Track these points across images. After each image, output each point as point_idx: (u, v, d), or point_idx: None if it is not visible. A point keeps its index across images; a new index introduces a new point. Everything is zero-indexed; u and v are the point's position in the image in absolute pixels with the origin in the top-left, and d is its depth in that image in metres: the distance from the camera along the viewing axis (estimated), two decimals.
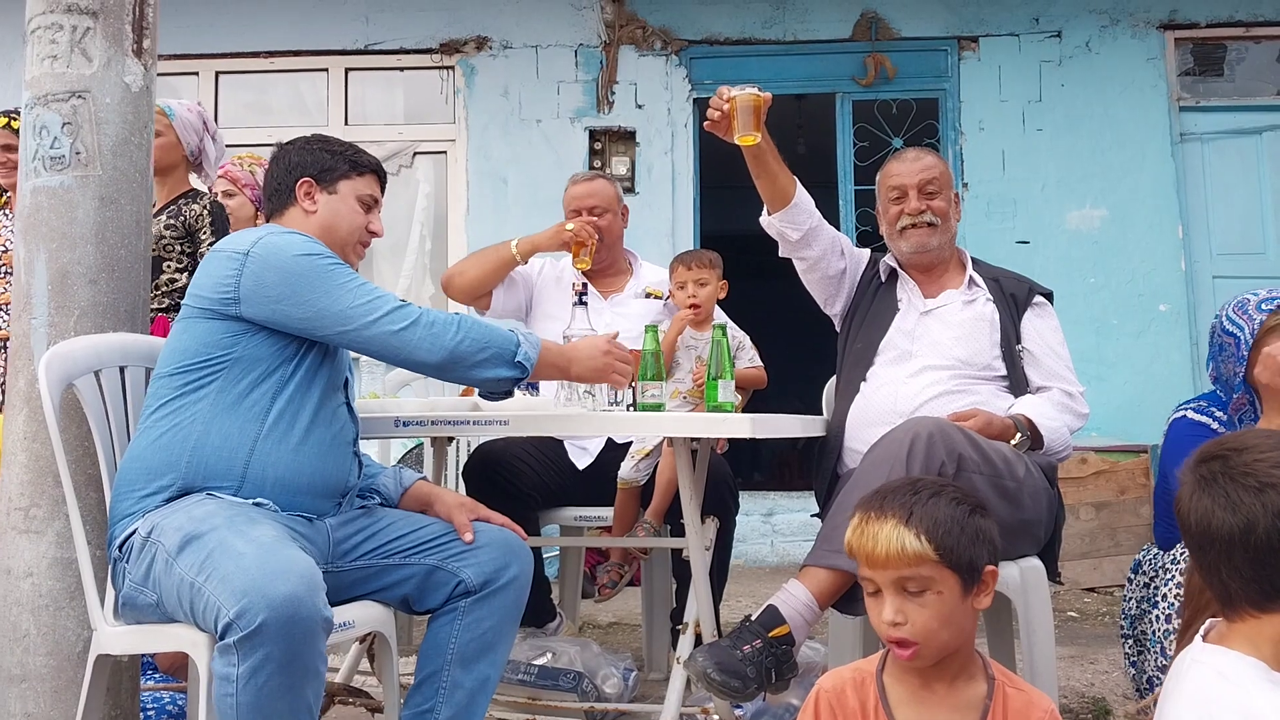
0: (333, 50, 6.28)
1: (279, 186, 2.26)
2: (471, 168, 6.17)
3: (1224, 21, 6.05)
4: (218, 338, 2.03)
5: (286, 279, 2.01)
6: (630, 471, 2.97)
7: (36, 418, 2.16)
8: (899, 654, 1.56)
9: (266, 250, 2.03)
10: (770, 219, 2.76)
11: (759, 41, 6.17)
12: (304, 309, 2.01)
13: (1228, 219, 5.98)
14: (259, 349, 2.04)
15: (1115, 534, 4.97)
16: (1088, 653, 3.63)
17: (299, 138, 2.33)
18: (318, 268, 2.03)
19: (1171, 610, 2.16)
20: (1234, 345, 2.48)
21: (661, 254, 5.21)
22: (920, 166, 2.73)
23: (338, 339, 2.06)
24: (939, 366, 2.61)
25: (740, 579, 4.69)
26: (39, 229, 2.24)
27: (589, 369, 2.28)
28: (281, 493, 2.02)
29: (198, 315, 2.06)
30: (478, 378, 2.13)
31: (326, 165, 2.25)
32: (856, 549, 1.59)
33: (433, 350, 2.05)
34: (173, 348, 2.07)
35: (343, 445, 2.17)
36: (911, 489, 1.63)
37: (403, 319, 2.05)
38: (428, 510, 2.27)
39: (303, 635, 1.70)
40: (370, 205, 2.29)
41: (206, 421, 2.00)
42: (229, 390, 2.02)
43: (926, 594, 1.55)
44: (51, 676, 2.14)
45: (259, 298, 2.01)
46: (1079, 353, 3.01)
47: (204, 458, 1.98)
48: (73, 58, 2.26)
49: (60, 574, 2.16)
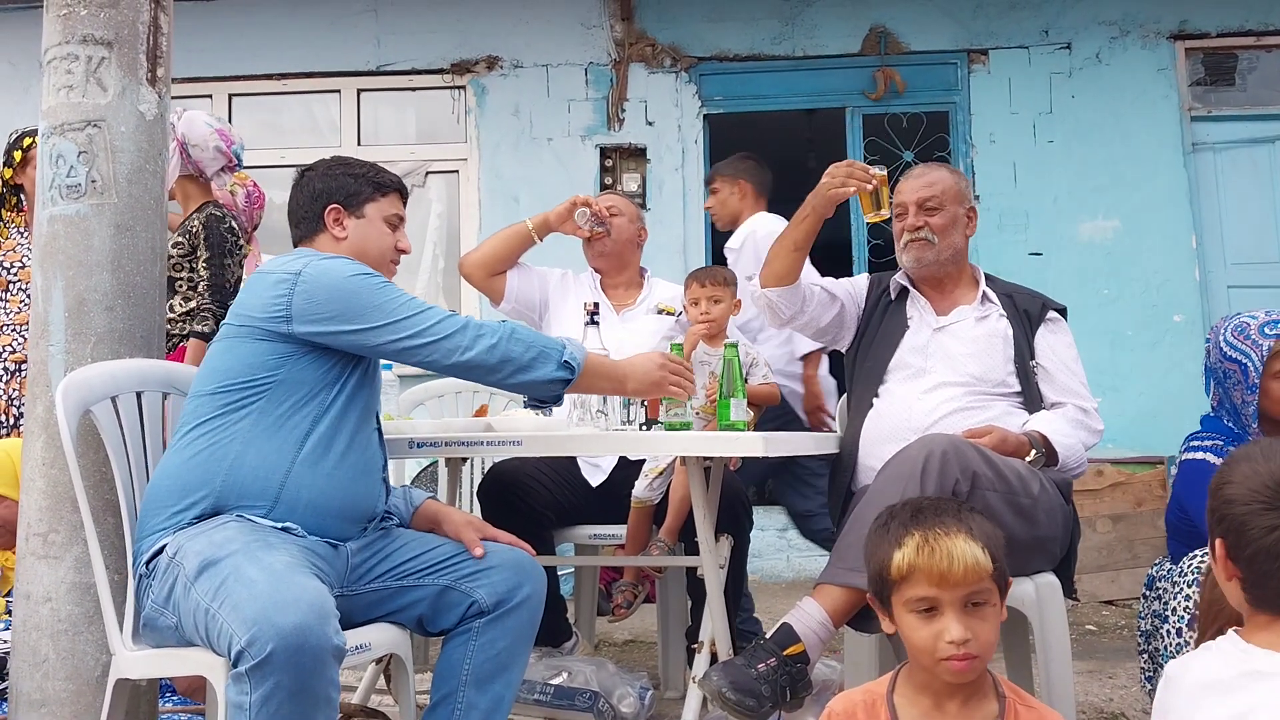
0: (345, 71, 6.32)
1: (306, 214, 2.30)
2: (483, 186, 6.20)
3: (1234, 31, 6.04)
4: (264, 359, 2.06)
5: (339, 296, 2.06)
6: (644, 490, 2.97)
7: (54, 444, 2.17)
8: (957, 668, 1.53)
9: (318, 271, 2.09)
10: (765, 292, 2.77)
11: (768, 57, 6.18)
12: (357, 323, 2.06)
13: (1241, 228, 5.95)
14: (304, 372, 2.07)
15: (1132, 546, 4.95)
16: (1106, 667, 3.61)
17: (320, 162, 2.36)
18: (369, 285, 2.10)
19: (1182, 624, 2.15)
20: (1240, 373, 2.41)
21: (673, 270, 5.22)
22: (922, 184, 2.73)
23: (390, 349, 2.10)
24: (953, 383, 2.61)
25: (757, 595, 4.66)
26: (56, 257, 2.27)
27: (646, 383, 2.31)
28: (312, 516, 2.04)
29: (244, 335, 2.09)
30: (527, 380, 2.16)
31: (351, 190, 2.29)
32: (924, 570, 1.55)
33: (484, 353, 2.11)
34: (214, 367, 2.10)
35: (373, 472, 2.19)
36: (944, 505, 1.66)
37: (453, 325, 2.11)
38: (436, 529, 2.28)
39: (312, 664, 1.71)
40: (396, 224, 2.34)
41: (245, 441, 2.02)
42: (270, 412, 2.05)
43: (986, 607, 1.56)
44: (71, 701, 2.15)
45: (311, 316, 2.05)
46: (1093, 365, 3.01)
47: (240, 477, 2.00)
48: (88, 87, 2.28)
49: (79, 599, 2.18)
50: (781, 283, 2.74)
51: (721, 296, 3.03)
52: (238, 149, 3.72)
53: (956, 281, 2.79)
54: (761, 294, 2.77)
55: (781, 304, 2.76)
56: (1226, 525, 1.34)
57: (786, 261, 2.73)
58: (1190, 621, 2.14)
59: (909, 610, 1.57)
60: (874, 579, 1.65)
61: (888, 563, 1.59)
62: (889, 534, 1.62)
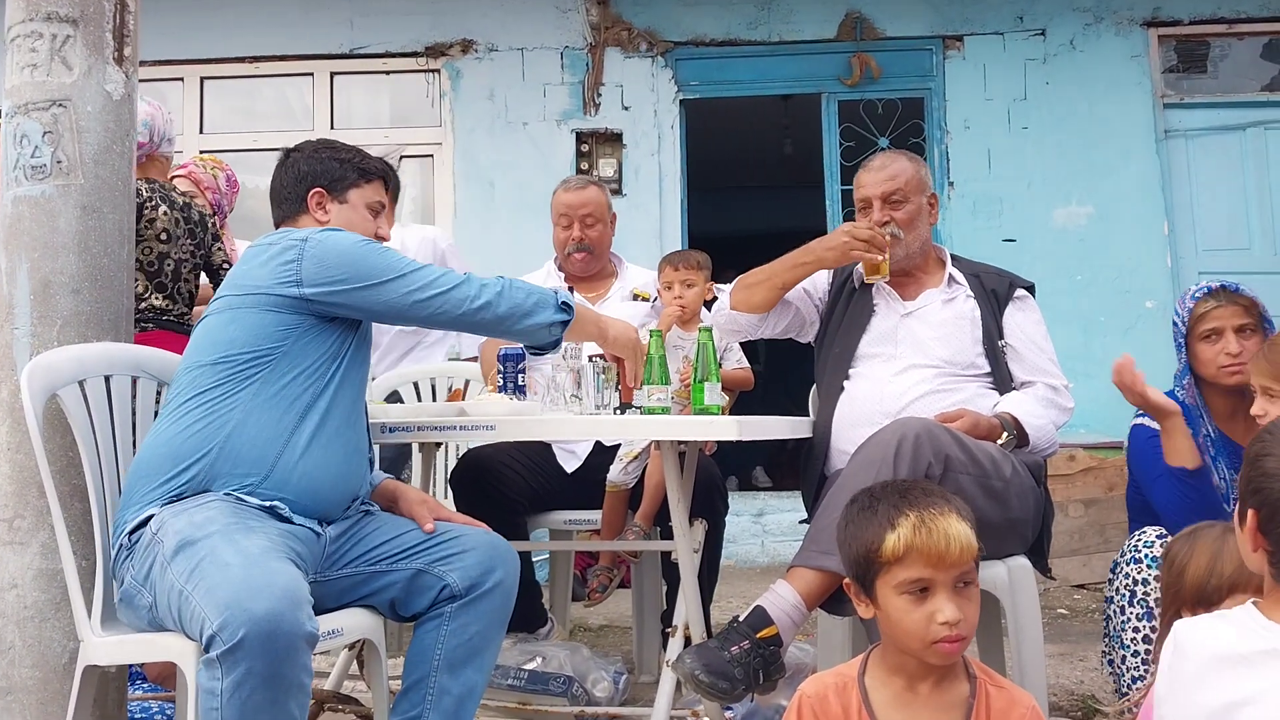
0: (318, 54, 6.26)
1: (289, 195, 2.31)
2: (458, 171, 6.16)
3: (1207, 18, 6.07)
4: (271, 329, 2.06)
5: (349, 259, 2.10)
6: (619, 474, 2.97)
7: (20, 429, 2.14)
8: (948, 649, 1.53)
9: (324, 237, 2.12)
10: (734, 314, 2.79)
11: (744, 42, 6.17)
12: (369, 279, 2.09)
13: (1213, 215, 5.99)
14: (309, 346, 2.08)
15: (1104, 530, 4.99)
16: (1077, 650, 3.64)
17: (306, 143, 2.37)
18: (376, 248, 2.16)
19: (1125, 601, 2.20)
20: (1175, 336, 2.61)
21: (649, 256, 5.20)
22: (884, 176, 2.71)
23: (402, 303, 2.12)
24: (923, 365, 2.61)
25: (731, 579, 4.70)
26: (20, 239, 2.23)
27: (625, 339, 2.42)
28: (304, 491, 2.04)
29: (250, 306, 2.08)
30: (531, 324, 2.21)
31: (336, 175, 2.31)
32: (921, 550, 1.53)
33: (491, 301, 2.16)
34: (216, 338, 2.08)
35: (362, 451, 2.20)
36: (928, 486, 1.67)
37: (457, 278, 2.17)
38: (393, 507, 2.29)
39: (284, 650, 1.69)
40: (378, 210, 2.36)
41: (246, 411, 2.02)
42: (273, 383, 2.05)
43: (971, 587, 1.57)
44: (38, 688, 2.13)
45: (323, 277, 2.07)
46: (1066, 350, 3.02)
47: (237, 446, 2.00)
48: (53, 66, 2.25)
49: (45, 585, 2.15)
50: (755, 312, 2.77)
51: (694, 281, 3.03)
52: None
53: (923, 267, 2.79)
54: (732, 317, 2.80)
55: (748, 327, 2.82)
56: (1262, 498, 1.29)
57: (769, 297, 2.74)
58: (1132, 598, 2.18)
59: (899, 593, 1.55)
60: (857, 562, 1.61)
61: (877, 545, 1.56)
62: (876, 516, 1.59)
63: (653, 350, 2.49)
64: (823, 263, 2.68)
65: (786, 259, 2.71)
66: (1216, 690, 1.24)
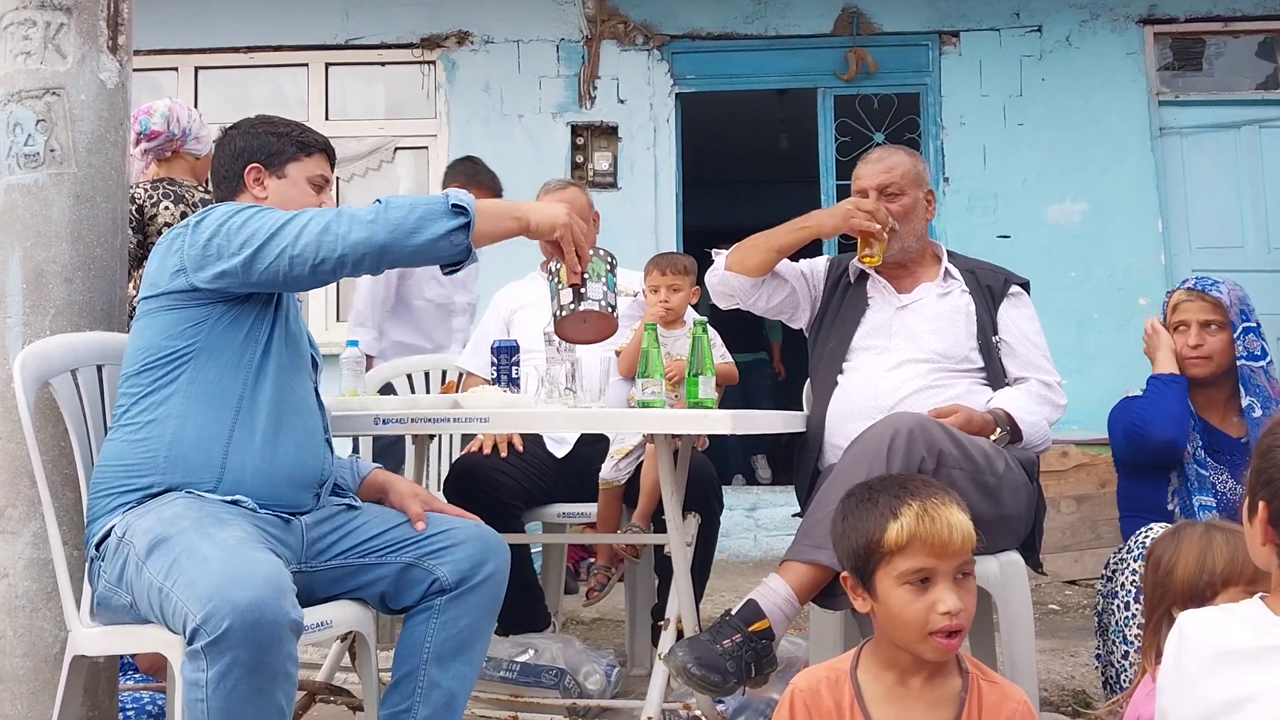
0: (313, 45, 6.24)
1: (226, 173, 2.23)
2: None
3: (1203, 16, 6.08)
4: (180, 329, 2.01)
5: (220, 232, 1.98)
6: (611, 471, 2.97)
7: (11, 418, 2.14)
8: (947, 644, 1.53)
9: (201, 216, 2.04)
10: (728, 275, 2.74)
11: (741, 36, 6.16)
12: (241, 251, 1.96)
13: (1207, 213, 6.01)
14: (222, 337, 2.03)
15: (1096, 527, 4.99)
16: (1068, 645, 3.65)
17: (244, 120, 2.29)
18: (245, 213, 2.01)
19: (1129, 597, 2.19)
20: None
21: (644, 249, 5.20)
22: (881, 169, 2.71)
23: (280, 267, 1.96)
24: (917, 360, 2.61)
25: (724, 574, 4.69)
26: (13, 227, 2.22)
27: (549, 220, 2.13)
28: (262, 484, 2.01)
29: (156, 310, 2.04)
30: (425, 239, 1.97)
31: (273, 149, 2.22)
32: (924, 539, 1.53)
33: (367, 231, 1.95)
34: (136, 346, 2.05)
35: (315, 433, 2.15)
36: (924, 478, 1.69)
37: (327, 215, 1.98)
38: (383, 499, 2.25)
39: (269, 639, 1.68)
40: (321, 185, 2.26)
41: (181, 414, 1.98)
42: (198, 380, 2.00)
43: (970, 579, 1.57)
44: (28, 678, 2.13)
45: (201, 260, 1.99)
46: (1060, 347, 3.03)
47: (183, 450, 1.97)
48: (46, 54, 2.24)
49: (36, 575, 2.15)
50: (750, 275, 2.73)
51: (681, 285, 3.08)
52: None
53: (919, 261, 2.78)
54: (725, 278, 2.75)
55: (741, 291, 2.75)
56: (1274, 489, 1.27)
57: (765, 259, 2.71)
58: (1137, 595, 2.17)
59: (900, 583, 1.54)
60: (856, 554, 1.60)
61: (879, 535, 1.56)
62: (877, 507, 1.58)
63: (647, 343, 2.49)
64: (821, 229, 2.70)
65: (785, 225, 2.72)
66: (1221, 685, 1.23)
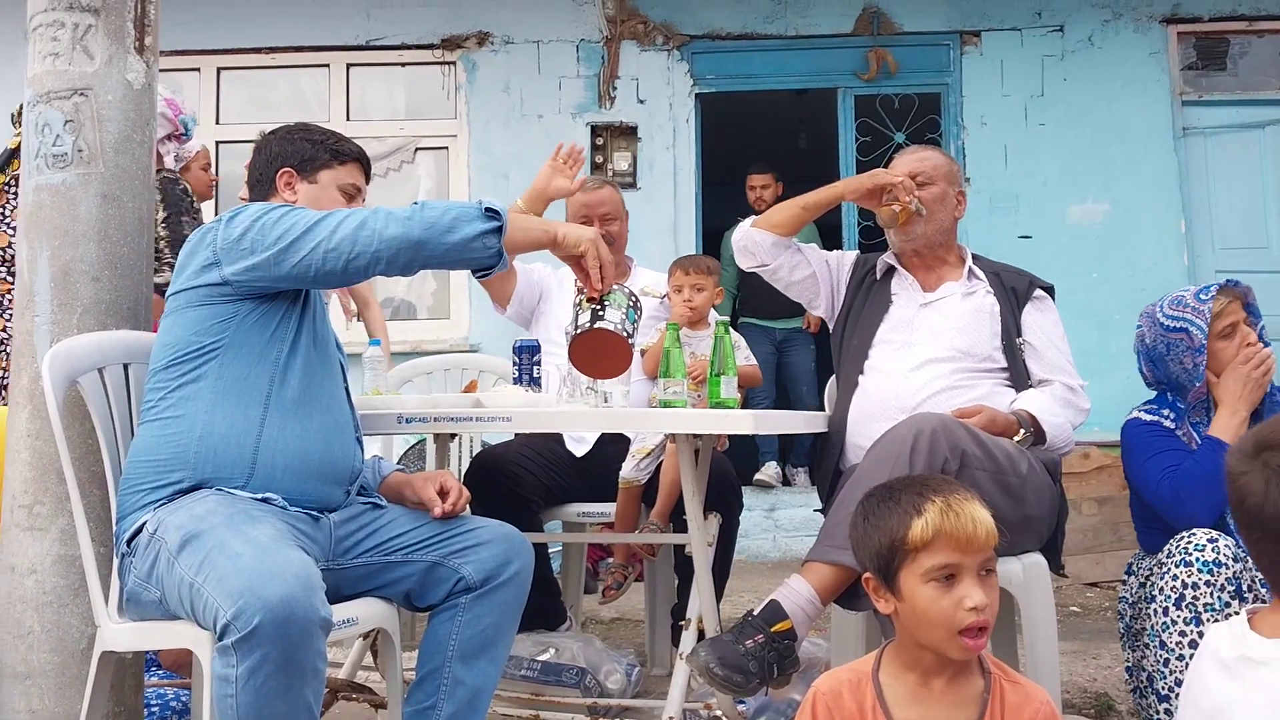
0: (334, 46, 6.27)
1: (260, 177, 2.28)
2: (473, 163, 6.17)
3: (1227, 15, 6.04)
4: (208, 324, 2.03)
5: (253, 227, 2.02)
6: (631, 471, 2.98)
7: (40, 415, 2.16)
8: (974, 645, 1.52)
9: (233, 214, 2.07)
10: (753, 231, 2.82)
11: (761, 36, 6.16)
12: (274, 246, 1.99)
13: (1230, 213, 5.97)
14: (250, 333, 2.05)
15: (1117, 529, 4.96)
16: (1090, 648, 3.63)
17: (281, 127, 2.33)
18: (278, 212, 2.04)
19: (1169, 603, 2.16)
20: (1186, 339, 2.46)
21: (663, 250, 5.21)
22: (914, 159, 2.78)
23: (312, 261, 1.99)
24: (940, 359, 2.60)
25: (743, 574, 4.69)
26: (41, 226, 2.24)
27: (577, 235, 2.18)
28: (292, 479, 2.02)
29: (185, 305, 2.06)
30: (457, 240, 2.00)
31: (307, 155, 2.26)
32: (949, 534, 1.53)
33: (403, 227, 1.98)
34: (164, 341, 2.07)
35: (345, 429, 2.17)
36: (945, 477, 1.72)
37: (362, 214, 2.02)
38: (403, 497, 2.27)
39: (299, 636, 1.69)
40: (353, 194, 2.30)
41: (210, 409, 2.00)
42: (227, 376, 2.02)
43: (993, 576, 1.57)
44: (56, 673, 2.15)
45: (234, 254, 2.02)
46: (1081, 348, 3.01)
47: (213, 445, 1.98)
48: (74, 55, 2.26)
49: (64, 571, 2.16)
50: (775, 231, 2.80)
51: (704, 285, 3.09)
52: (186, 119, 3.74)
53: (944, 260, 2.80)
54: (749, 233, 2.82)
55: (762, 250, 2.81)
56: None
57: (792, 217, 2.81)
58: (1178, 601, 2.15)
59: (926, 580, 1.54)
60: (879, 553, 1.60)
61: (903, 533, 1.55)
62: (900, 505, 1.58)
63: (669, 343, 2.49)
64: (846, 192, 2.80)
65: (814, 191, 2.81)
66: (1212, 692, 1.31)
